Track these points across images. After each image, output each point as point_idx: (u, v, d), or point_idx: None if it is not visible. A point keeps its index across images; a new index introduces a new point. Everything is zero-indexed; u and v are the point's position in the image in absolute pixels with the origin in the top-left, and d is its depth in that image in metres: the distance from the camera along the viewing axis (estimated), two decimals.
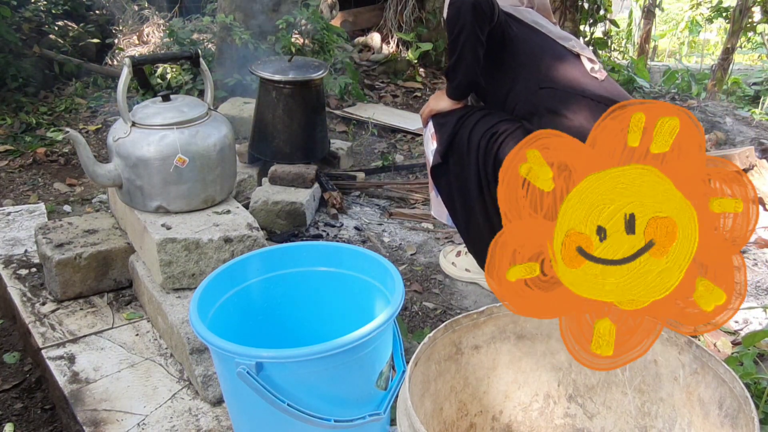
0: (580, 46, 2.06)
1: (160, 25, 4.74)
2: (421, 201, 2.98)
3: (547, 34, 2.04)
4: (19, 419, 1.81)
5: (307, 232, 2.59)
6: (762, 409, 1.61)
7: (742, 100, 5.48)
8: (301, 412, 1.26)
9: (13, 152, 3.45)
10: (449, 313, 2.18)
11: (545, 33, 2.04)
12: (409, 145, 3.73)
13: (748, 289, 2.37)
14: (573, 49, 2.03)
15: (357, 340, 1.25)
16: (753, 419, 1.05)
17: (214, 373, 1.67)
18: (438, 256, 2.50)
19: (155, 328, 1.97)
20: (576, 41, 2.08)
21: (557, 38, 2.04)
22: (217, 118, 2.00)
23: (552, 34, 2.05)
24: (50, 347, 1.88)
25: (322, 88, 2.96)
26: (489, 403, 1.41)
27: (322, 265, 1.60)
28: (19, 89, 4.12)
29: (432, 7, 5.13)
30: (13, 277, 2.19)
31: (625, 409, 1.34)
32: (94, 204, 2.91)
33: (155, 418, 1.64)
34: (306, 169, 2.74)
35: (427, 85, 4.82)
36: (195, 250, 1.84)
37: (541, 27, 2.05)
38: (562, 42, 2.04)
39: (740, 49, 6.92)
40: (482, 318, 1.34)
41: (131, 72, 1.89)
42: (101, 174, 1.92)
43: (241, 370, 1.22)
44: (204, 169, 1.92)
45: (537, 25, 2.05)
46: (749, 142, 3.95)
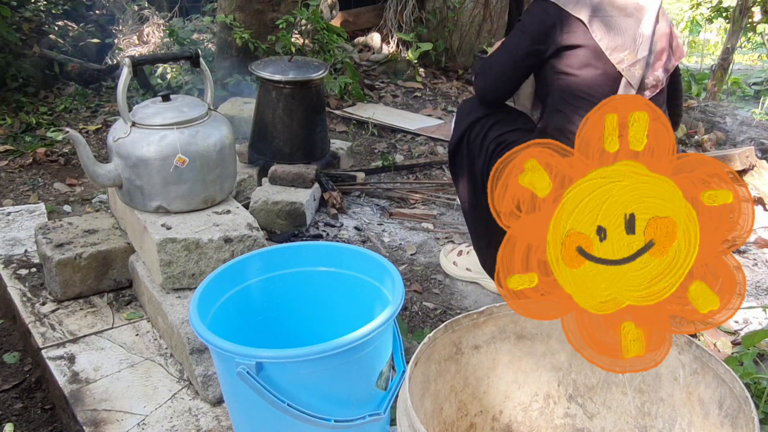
0: (632, 61, 1.84)
1: (160, 25, 4.74)
2: (421, 201, 2.98)
3: (597, 42, 1.82)
4: (19, 419, 1.81)
5: (307, 232, 2.59)
6: (762, 409, 1.61)
7: (742, 100, 5.48)
8: (301, 412, 1.26)
9: (13, 152, 3.45)
10: (449, 313, 2.19)
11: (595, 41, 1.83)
12: (409, 145, 3.73)
13: (748, 289, 2.38)
14: (618, 65, 1.84)
15: (357, 340, 1.25)
16: (753, 419, 1.05)
17: (214, 373, 1.67)
18: (438, 256, 2.50)
19: (155, 328, 1.97)
20: (630, 53, 1.84)
21: (608, 49, 1.83)
22: (217, 118, 2.00)
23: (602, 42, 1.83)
24: (50, 347, 1.88)
25: (322, 88, 2.96)
26: (489, 403, 1.41)
27: (322, 265, 1.60)
28: (19, 89, 4.12)
29: (432, 7, 5.13)
30: (13, 277, 2.19)
31: (625, 409, 1.34)
32: (94, 204, 2.91)
33: (155, 418, 1.64)
34: (306, 169, 2.74)
35: (427, 85, 4.82)
36: (195, 250, 1.84)
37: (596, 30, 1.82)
38: (611, 55, 1.83)
39: (740, 49, 6.92)
40: (482, 318, 1.34)
41: (131, 72, 1.89)
42: (101, 174, 1.92)
43: (241, 370, 1.22)
44: (204, 169, 1.92)
45: (593, 27, 1.83)
46: (749, 142, 3.95)
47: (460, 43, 5.21)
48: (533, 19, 1.91)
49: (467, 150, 2.08)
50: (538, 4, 1.91)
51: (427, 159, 3.46)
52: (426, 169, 3.36)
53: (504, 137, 1.98)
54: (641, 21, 1.86)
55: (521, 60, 1.93)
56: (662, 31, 1.91)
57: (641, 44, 1.86)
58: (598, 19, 1.84)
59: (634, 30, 1.86)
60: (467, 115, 2.09)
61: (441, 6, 5.12)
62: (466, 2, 5.09)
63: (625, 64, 1.84)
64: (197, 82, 3.88)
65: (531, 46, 1.90)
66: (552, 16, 1.86)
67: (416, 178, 3.26)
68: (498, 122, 2.03)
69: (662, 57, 1.91)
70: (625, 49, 1.84)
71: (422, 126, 3.92)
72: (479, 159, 2.04)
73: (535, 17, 1.90)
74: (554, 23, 1.86)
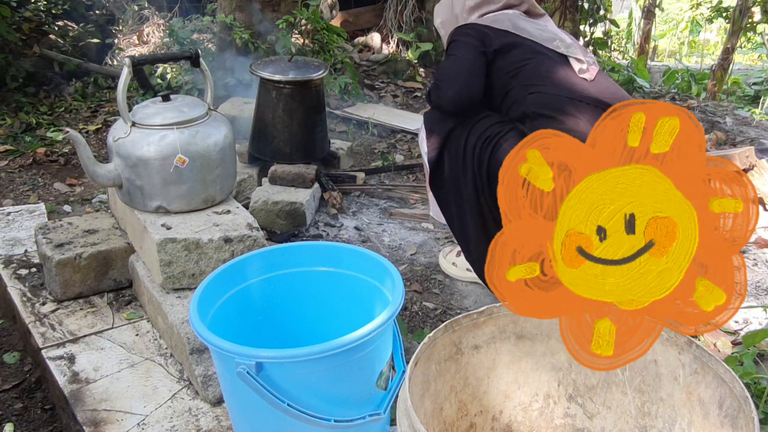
0: (566, 45, 2.05)
1: (160, 25, 4.74)
2: (420, 201, 2.98)
3: (529, 38, 2.03)
4: (19, 419, 1.81)
5: (307, 232, 2.59)
6: (762, 409, 1.61)
7: (742, 100, 5.48)
8: (301, 412, 1.26)
9: (13, 152, 3.45)
10: (449, 313, 2.18)
11: (527, 38, 2.03)
12: (409, 145, 3.73)
13: (748, 289, 2.37)
14: (558, 49, 2.02)
15: (357, 340, 1.25)
16: (753, 419, 1.05)
17: (214, 373, 1.67)
18: (438, 256, 2.50)
19: (155, 328, 1.97)
20: (561, 41, 2.06)
21: (541, 41, 2.03)
22: (217, 118, 2.00)
23: (534, 38, 2.03)
24: (50, 347, 1.88)
25: (322, 88, 2.96)
26: (489, 403, 1.41)
27: (322, 265, 1.60)
28: (19, 89, 4.12)
29: (432, 7, 5.13)
30: (13, 277, 2.19)
31: (625, 409, 1.34)
32: (94, 204, 2.91)
33: (155, 418, 1.64)
34: (306, 169, 2.74)
35: (427, 85, 4.82)
36: (195, 250, 1.84)
37: (522, 31, 2.04)
38: (546, 44, 2.03)
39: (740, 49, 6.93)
40: (482, 318, 1.34)
41: (131, 72, 1.89)
42: (101, 174, 1.92)
43: (241, 370, 1.22)
44: (204, 169, 1.92)
45: (518, 30, 2.04)
46: (749, 142, 3.95)
47: None
48: (466, 36, 2.05)
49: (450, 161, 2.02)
50: (459, 30, 2.09)
51: None
52: (423, 169, 3.36)
53: (488, 132, 1.94)
54: (546, 25, 2.16)
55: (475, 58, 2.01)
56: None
57: (559, 35, 2.09)
58: (519, 27, 2.06)
59: (548, 28, 2.12)
60: (437, 128, 2.06)
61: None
62: None
63: (563, 48, 2.04)
64: (197, 82, 3.88)
65: (477, 48, 2.02)
66: (480, 30, 2.05)
67: (416, 178, 3.26)
68: (476, 124, 1.98)
69: (577, 47, 2.09)
70: (554, 39, 2.06)
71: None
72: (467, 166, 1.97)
73: (466, 35, 2.06)
74: (485, 32, 2.04)
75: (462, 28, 2.09)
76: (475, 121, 2.01)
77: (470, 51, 2.01)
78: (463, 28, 2.08)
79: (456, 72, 1.99)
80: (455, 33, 2.09)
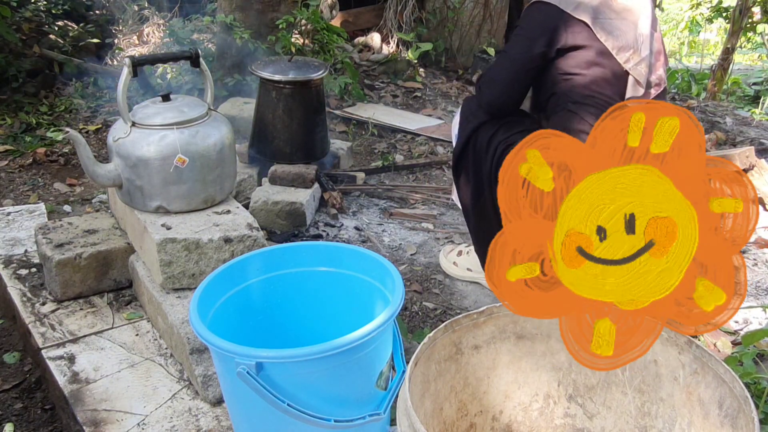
0: (638, 59, 1.87)
1: (160, 25, 4.74)
2: (421, 201, 2.98)
3: (603, 42, 1.85)
4: (19, 419, 1.81)
5: (307, 232, 2.59)
6: (762, 409, 1.61)
7: (742, 100, 5.48)
8: (301, 412, 1.26)
9: (13, 152, 3.45)
10: (449, 313, 2.18)
11: (601, 41, 1.85)
12: (409, 145, 3.73)
13: (748, 289, 2.37)
14: (624, 64, 1.87)
15: (357, 340, 1.25)
16: (753, 419, 1.05)
17: (214, 373, 1.67)
18: (438, 256, 2.50)
19: (155, 328, 1.97)
20: (635, 51, 1.87)
21: (613, 48, 1.86)
22: (217, 118, 2.00)
23: (608, 42, 1.85)
24: (50, 347, 1.88)
25: (322, 88, 2.96)
26: (489, 403, 1.41)
27: (322, 265, 1.60)
28: (19, 89, 4.12)
29: (432, 7, 5.13)
30: (13, 277, 2.19)
31: (625, 409, 1.34)
32: (94, 204, 2.91)
33: (155, 418, 1.64)
34: (306, 169, 2.74)
35: (427, 85, 4.81)
36: (195, 250, 1.84)
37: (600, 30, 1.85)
38: (616, 53, 1.86)
39: (740, 49, 6.93)
40: (482, 318, 1.34)
41: (131, 72, 1.89)
42: (101, 174, 1.92)
43: (241, 370, 1.22)
44: (204, 169, 1.92)
45: (596, 26, 1.85)
46: (749, 142, 3.95)
47: (460, 43, 5.21)
48: (533, 22, 1.91)
49: (473, 154, 2.05)
50: (536, 6, 1.92)
51: (427, 159, 3.46)
52: (426, 169, 3.36)
53: (512, 138, 1.95)
54: (637, 23, 1.90)
55: (527, 64, 1.92)
56: (657, 33, 1.96)
57: (642, 44, 1.89)
58: (600, 21, 1.86)
59: (634, 31, 1.89)
60: (472, 117, 2.06)
61: (441, 6, 5.12)
62: (466, 2, 5.09)
63: (632, 63, 1.87)
64: (197, 82, 3.88)
65: (535, 50, 1.89)
66: (553, 18, 1.87)
67: (416, 178, 3.26)
68: (504, 124, 2.00)
69: (660, 57, 1.96)
70: (629, 49, 1.87)
71: (422, 126, 3.92)
72: (486, 163, 2.01)
73: (535, 20, 1.91)
74: (556, 25, 1.87)
75: (539, 3, 1.90)
76: (505, 121, 2.00)
77: (525, 53, 1.91)
78: (540, 5, 1.90)
79: (501, 78, 1.97)
80: (531, 8, 1.93)
